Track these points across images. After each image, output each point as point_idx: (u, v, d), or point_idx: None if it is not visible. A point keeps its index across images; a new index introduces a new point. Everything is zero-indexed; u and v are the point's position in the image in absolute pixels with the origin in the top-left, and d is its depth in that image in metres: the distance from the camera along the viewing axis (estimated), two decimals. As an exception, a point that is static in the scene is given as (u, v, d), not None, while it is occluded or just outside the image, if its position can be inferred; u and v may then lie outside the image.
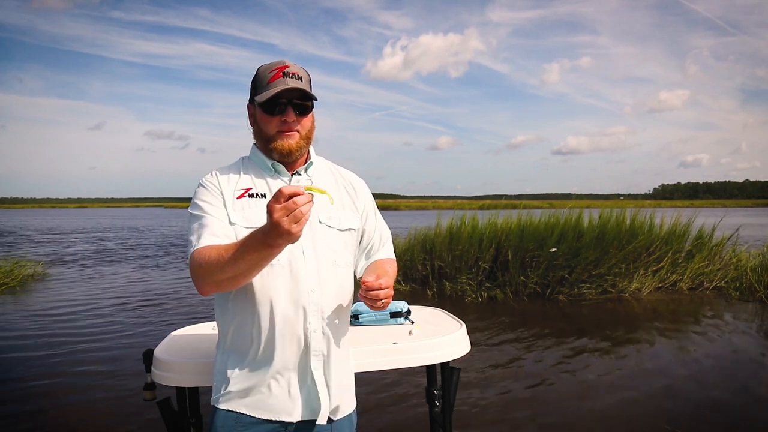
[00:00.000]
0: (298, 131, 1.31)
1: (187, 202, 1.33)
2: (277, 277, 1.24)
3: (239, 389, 1.26)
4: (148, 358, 1.69)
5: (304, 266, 1.26)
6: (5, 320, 6.22)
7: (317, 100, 1.33)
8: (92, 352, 4.83)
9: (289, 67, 1.29)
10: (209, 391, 1.34)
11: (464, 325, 1.92)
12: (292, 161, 1.34)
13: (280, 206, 0.99)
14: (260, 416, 1.26)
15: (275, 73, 1.28)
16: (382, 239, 1.48)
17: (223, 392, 1.28)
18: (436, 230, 8.05)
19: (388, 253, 1.49)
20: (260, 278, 1.23)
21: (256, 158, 1.37)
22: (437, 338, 1.78)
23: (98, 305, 6.98)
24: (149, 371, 1.66)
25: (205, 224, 1.24)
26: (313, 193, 1.05)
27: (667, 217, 8.13)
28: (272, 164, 1.34)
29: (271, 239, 1.03)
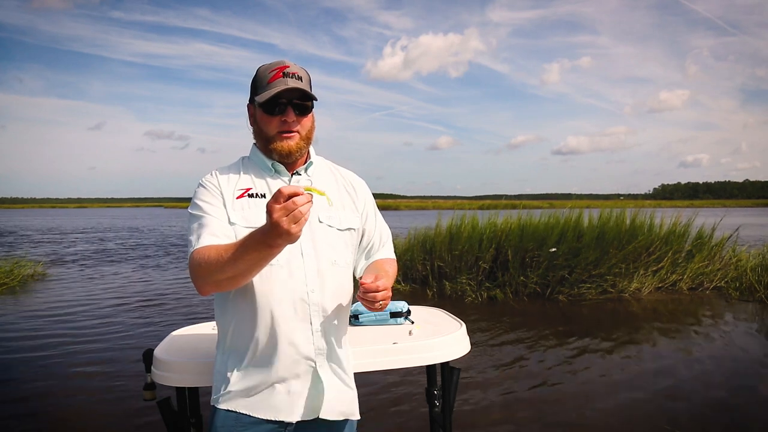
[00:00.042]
0: (298, 131, 1.31)
1: (187, 202, 1.33)
2: (276, 276, 1.24)
3: (239, 389, 1.26)
4: (148, 358, 1.69)
5: (303, 266, 1.26)
6: (5, 320, 6.22)
7: (317, 100, 1.33)
8: (92, 352, 4.83)
9: (289, 67, 1.29)
10: (209, 391, 1.34)
11: (464, 325, 1.91)
12: (292, 162, 1.34)
13: (279, 206, 0.99)
14: (260, 416, 1.26)
15: (275, 73, 1.28)
16: (382, 239, 1.48)
17: (222, 392, 1.28)
18: (436, 230, 8.05)
19: (388, 252, 1.49)
20: (260, 278, 1.23)
21: (256, 158, 1.37)
22: (437, 338, 1.78)
23: (98, 305, 6.98)
24: (149, 371, 1.66)
25: (204, 224, 1.24)
26: (312, 193, 1.05)
27: (667, 217, 8.12)
28: (272, 164, 1.34)
29: (270, 239, 1.03)
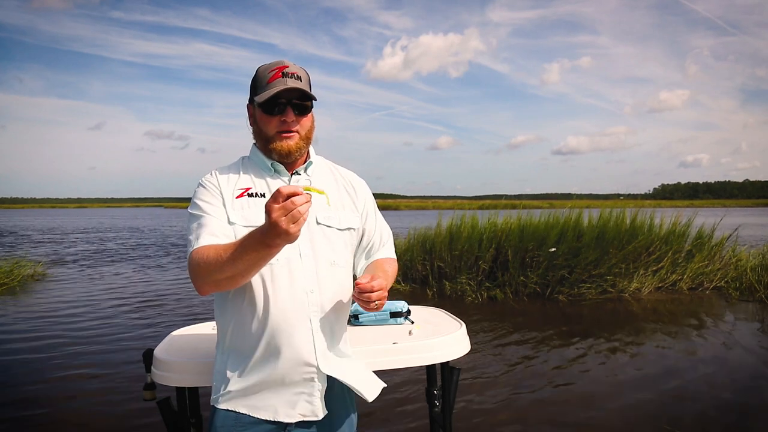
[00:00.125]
0: (297, 131, 1.31)
1: (187, 202, 1.33)
2: (275, 277, 1.24)
3: (239, 389, 1.26)
4: (148, 358, 1.69)
5: (302, 266, 1.26)
6: (5, 321, 6.22)
7: (316, 99, 1.33)
8: (92, 353, 4.83)
9: (288, 67, 1.30)
10: (209, 391, 1.34)
11: (464, 325, 1.91)
12: (291, 161, 1.34)
13: (278, 206, 0.99)
14: (260, 416, 1.26)
15: (274, 73, 1.28)
16: (382, 239, 1.48)
17: (222, 392, 1.28)
18: (436, 230, 8.05)
19: (388, 252, 1.49)
20: (259, 278, 1.23)
21: (255, 158, 1.37)
22: (437, 338, 1.78)
23: (98, 306, 6.98)
24: (149, 371, 1.66)
25: (204, 224, 1.24)
26: (311, 193, 1.05)
27: (667, 217, 8.12)
28: (272, 164, 1.34)
29: (269, 239, 1.03)
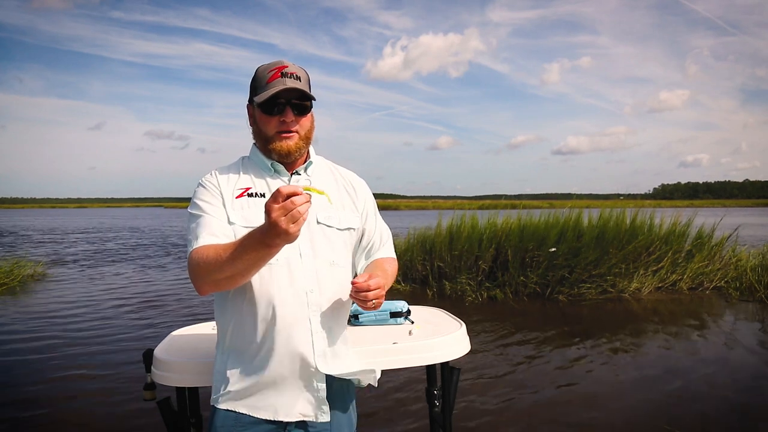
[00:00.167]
0: (297, 132, 1.31)
1: (187, 202, 1.33)
2: (275, 276, 1.24)
3: (239, 389, 1.26)
4: (148, 358, 1.69)
5: (301, 266, 1.26)
6: (5, 321, 6.22)
7: (315, 100, 1.33)
8: (92, 354, 4.83)
9: (287, 67, 1.29)
10: (209, 391, 1.34)
11: (464, 325, 1.91)
12: (291, 162, 1.34)
13: (278, 206, 0.99)
14: (260, 416, 1.26)
15: (273, 73, 1.28)
16: (382, 239, 1.48)
17: (222, 392, 1.28)
18: (436, 230, 8.05)
19: (388, 252, 1.49)
20: (259, 278, 1.23)
21: (255, 158, 1.38)
22: (437, 338, 1.78)
23: (98, 306, 6.98)
24: (149, 371, 1.66)
25: (203, 224, 1.24)
26: (311, 193, 1.05)
27: (666, 217, 8.12)
28: (271, 164, 1.34)
29: (268, 239, 1.03)
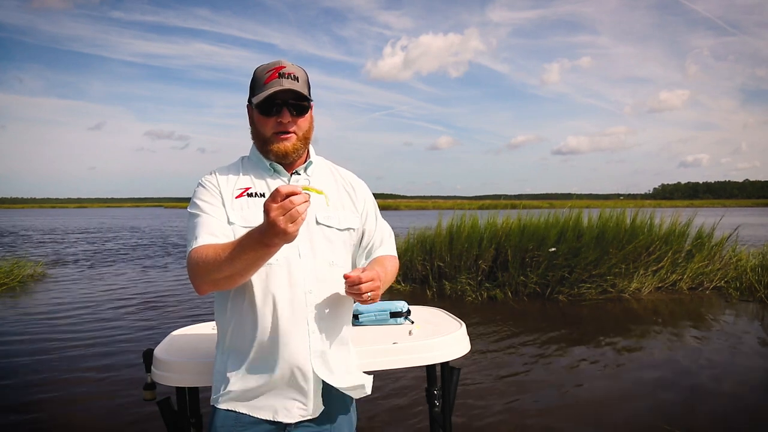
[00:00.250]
0: (294, 132, 1.31)
1: (187, 202, 1.33)
2: (275, 277, 1.24)
3: (239, 389, 1.26)
4: (148, 358, 1.69)
5: (301, 266, 1.26)
6: (5, 321, 6.22)
7: (312, 101, 1.33)
8: (93, 354, 4.83)
9: (285, 67, 1.29)
10: (209, 390, 1.34)
11: (464, 325, 1.91)
12: (289, 162, 1.34)
13: (276, 205, 0.99)
14: (260, 416, 1.26)
15: (271, 74, 1.28)
16: (383, 238, 1.47)
17: (222, 392, 1.28)
18: (436, 230, 8.05)
19: (388, 250, 1.47)
20: (258, 278, 1.23)
21: (255, 158, 1.38)
22: (437, 338, 1.78)
23: (98, 306, 6.98)
24: (149, 371, 1.66)
25: (203, 223, 1.24)
26: (310, 193, 1.05)
27: (666, 217, 8.12)
28: (270, 164, 1.34)
29: (267, 238, 1.03)
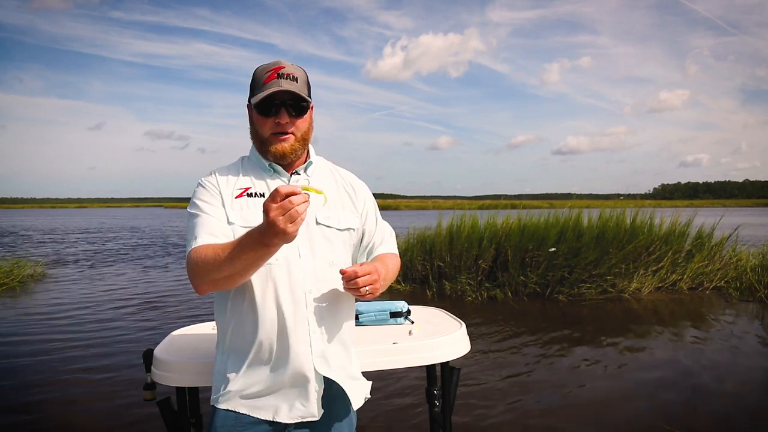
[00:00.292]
0: (292, 133, 1.31)
1: (187, 202, 1.34)
2: (275, 277, 1.24)
3: (239, 389, 1.26)
4: (148, 358, 1.69)
5: (301, 267, 1.26)
6: (4, 322, 6.22)
7: (310, 101, 1.32)
8: (92, 354, 4.83)
9: (284, 68, 1.29)
10: (209, 390, 1.34)
11: (464, 325, 1.92)
12: (287, 163, 1.34)
13: (276, 205, 1.00)
14: (260, 416, 1.26)
15: (270, 74, 1.28)
16: (384, 238, 1.47)
17: (222, 392, 1.28)
18: (436, 230, 8.05)
19: (389, 248, 1.47)
20: (258, 278, 1.23)
21: (254, 158, 1.38)
22: (437, 338, 1.78)
23: (98, 306, 6.98)
24: (149, 371, 1.66)
25: (202, 223, 1.24)
26: (309, 193, 1.05)
27: (666, 217, 8.12)
28: (270, 164, 1.34)
29: (266, 238, 1.03)
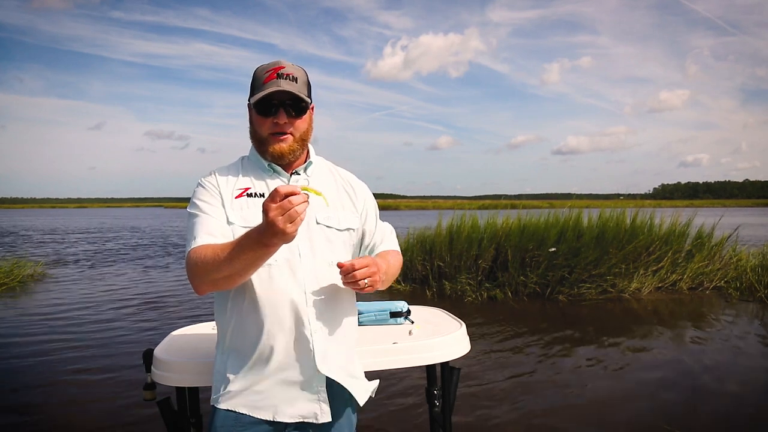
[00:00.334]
0: (291, 133, 1.31)
1: (187, 202, 1.34)
2: (275, 277, 1.24)
3: (238, 389, 1.26)
4: (148, 358, 1.69)
5: (301, 267, 1.26)
6: (4, 322, 6.21)
7: (309, 102, 1.32)
8: (92, 354, 4.83)
9: (284, 68, 1.29)
10: (209, 390, 1.34)
11: (464, 324, 1.92)
12: (286, 163, 1.34)
13: (275, 205, 1.00)
14: (260, 416, 1.26)
15: (269, 74, 1.28)
16: (384, 237, 1.47)
17: (222, 392, 1.28)
18: (436, 230, 8.05)
19: (390, 245, 1.47)
20: (258, 278, 1.23)
21: (254, 158, 1.38)
22: (437, 338, 1.78)
23: (99, 306, 6.98)
24: (149, 371, 1.66)
25: (202, 223, 1.24)
26: (309, 193, 1.05)
27: (666, 217, 8.12)
28: (270, 165, 1.34)
29: (266, 238, 1.04)
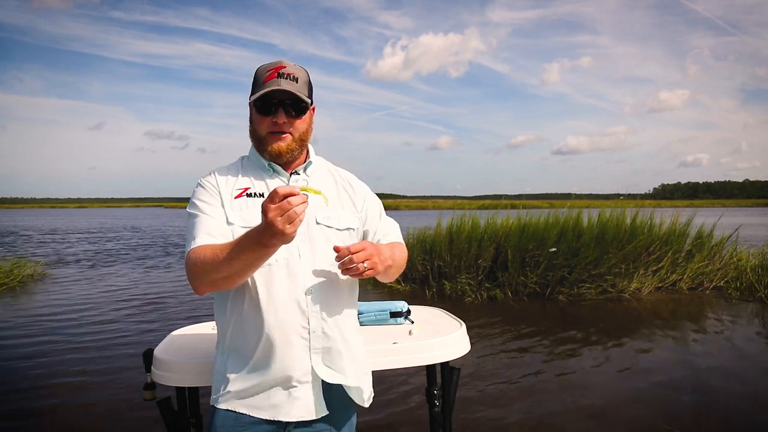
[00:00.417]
0: (290, 133, 1.31)
1: (187, 202, 1.34)
2: (274, 277, 1.24)
3: (238, 389, 1.26)
4: (148, 358, 1.69)
5: (301, 267, 1.26)
6: (4, 322, 6.21)
7: (309, 102, 1.32)
8: (92, 355, 4.83)
9: (285, 67, 1.29)
10: (209, 391, 1.35)
11: (464, 324, 1.92)
12: (284, 162, 1.34)
13: (274, 206, 1.00)
14: (260, 416, 1.26)
15: (270, 73, 1.28)
16: (387, 232, 1.45)
17: (222, 392, 1.28)
18: (436, 230, 8.05)
19: (394, 238, 1.44)
20: (258, 278, 1.23)
21: (254, 158, 1.38)
22: (437, 338, 1.78)
23: (99, 306, 6.98)
24: (149, 371, 1.66)
25: (201, 223, 1.24)
26: (308, 193, 1.05)
27: (666, 217, 8.12)
28: (269, 164, 1.34)
29: (265, 239, 1.04)
